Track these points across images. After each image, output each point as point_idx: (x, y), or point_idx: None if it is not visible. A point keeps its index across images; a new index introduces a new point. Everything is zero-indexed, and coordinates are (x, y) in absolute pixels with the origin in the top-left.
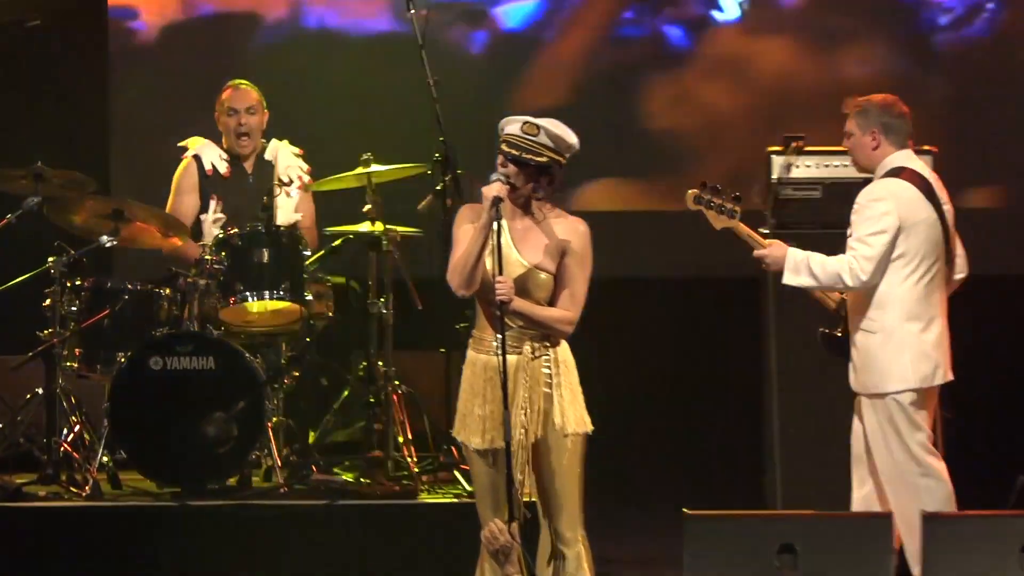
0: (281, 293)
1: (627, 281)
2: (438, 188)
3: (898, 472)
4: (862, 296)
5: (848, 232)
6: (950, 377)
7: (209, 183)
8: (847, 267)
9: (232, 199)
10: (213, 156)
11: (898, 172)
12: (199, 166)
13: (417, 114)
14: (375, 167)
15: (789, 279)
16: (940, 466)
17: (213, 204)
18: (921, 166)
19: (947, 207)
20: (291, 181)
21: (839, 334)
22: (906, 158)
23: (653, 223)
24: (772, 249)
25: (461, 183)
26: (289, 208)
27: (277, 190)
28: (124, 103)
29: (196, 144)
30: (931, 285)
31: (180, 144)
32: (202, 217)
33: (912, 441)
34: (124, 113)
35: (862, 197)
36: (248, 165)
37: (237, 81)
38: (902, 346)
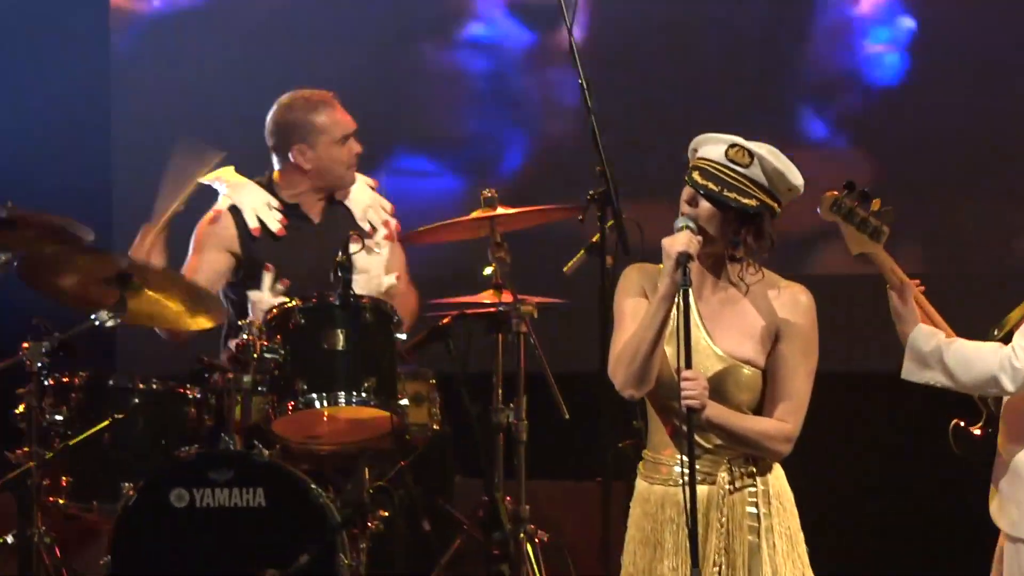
0: (363, 395)
1: (856, 376)
2: (594, 240)
3: None
4: None
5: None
6: None
7: (259, 247)
8: (1008, 363)
9: (293, 263)
10: (258, 205)
11: None
12: (238, 223)
13: (563, 131)
14: (501, 210)
15: (911, 373)
16: None
17: (268, 278)
18: None
19: None
20: (374, 229)
21: (977, 431)
22: None
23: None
24: (906, 311)
25: (627, 232)
26: (377, 268)
27: (354, 245)
28: (129, 120)
29: (230, 186)
30: None
31: (203, 180)
32: (252, 297)
33: None
34: (129, 134)
35: None
36: (314, 211)
37: (321, 92)
38: None
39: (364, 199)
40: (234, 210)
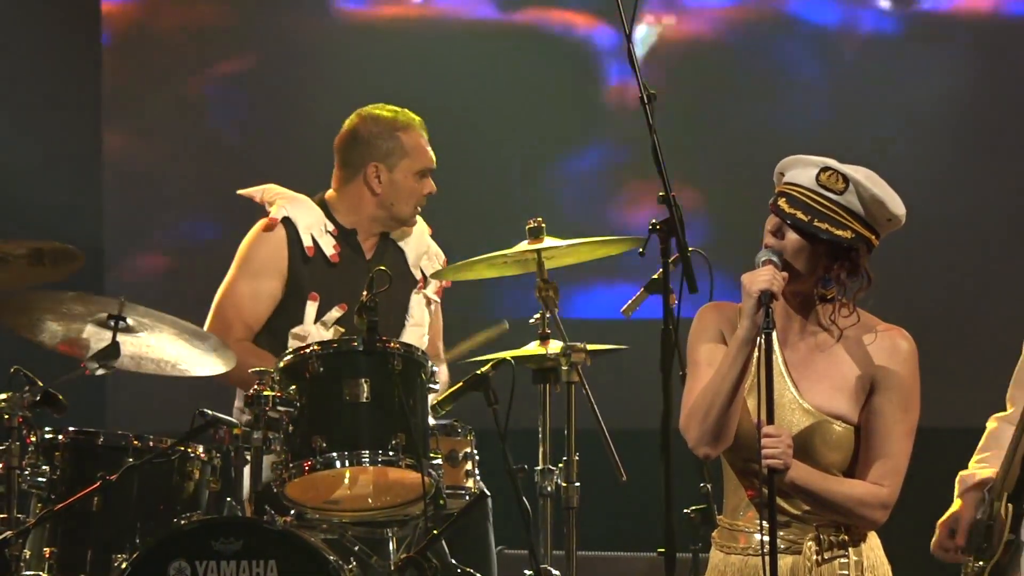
0: (391, 454)
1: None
2: (655, 277)
3: None
4: None
5: None
6: None
7: (308, 271)
8: None
9: (342, 297)
10: (314, 223)
11: None
12: (291, 238)
13: (621, 153)
14: (549, 242)
15: None
16: None
17: (312, 308)
18: None
19: None
20: (425, 280)
21: None
22: None
23: None
24: None
25: (695, 269)
26: (421, 320)
27: (415, 294)
28: (120, 143)
29: (283, 198)
30: None
31: (244, 192)
32: (296, 333)
33: None
34: (121, 156)
35: None
36: (367, 244)
37: (411, 114)
38: None
39: (420, 245)
40: (288, 223)
